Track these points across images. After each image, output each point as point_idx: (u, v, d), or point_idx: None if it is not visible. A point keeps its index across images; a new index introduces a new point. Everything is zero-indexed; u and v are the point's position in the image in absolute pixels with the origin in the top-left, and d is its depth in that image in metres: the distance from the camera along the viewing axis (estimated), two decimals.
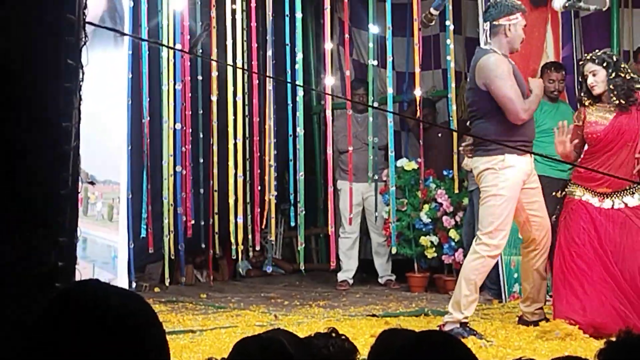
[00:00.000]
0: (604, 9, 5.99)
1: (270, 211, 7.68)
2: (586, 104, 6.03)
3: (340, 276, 8.74)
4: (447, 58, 7.79)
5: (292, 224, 8.10)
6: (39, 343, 1.70)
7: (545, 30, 7.75)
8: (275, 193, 7.76)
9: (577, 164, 5.98)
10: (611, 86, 5.92)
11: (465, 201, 8.03)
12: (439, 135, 8.68)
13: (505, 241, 5.85)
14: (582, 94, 6.11)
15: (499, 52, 5.81)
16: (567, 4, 5.96)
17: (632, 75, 5.99)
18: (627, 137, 5.92)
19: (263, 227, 8.01)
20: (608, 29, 8.22)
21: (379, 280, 8.85)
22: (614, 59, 6.05)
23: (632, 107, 5.93)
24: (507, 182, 5.72)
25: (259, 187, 7.81)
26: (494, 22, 5.85)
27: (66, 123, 2.62)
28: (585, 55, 6.15)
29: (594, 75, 5.94)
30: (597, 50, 6.11)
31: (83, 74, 2.71)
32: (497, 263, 6.79)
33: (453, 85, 7.77)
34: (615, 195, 5.91)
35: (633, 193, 5.91)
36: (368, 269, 9.04)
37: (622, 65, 6.04)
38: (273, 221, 7.77)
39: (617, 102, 5.91)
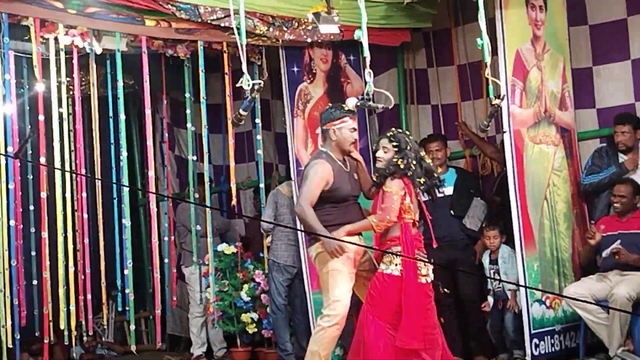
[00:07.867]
0: (391, 107, 6.77)
1: (102, 297, 8.26)
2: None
3: (197, 351, 9.29)
4: (258, 152, 8.64)
5: (120, 308, 8.53)
6: None
7: None
8: (105, 281, 8.36)
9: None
10: (390, 167, 6.29)
11: None
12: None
13: (344, 311, 6.21)
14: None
15: (331, 154, 6.37)
16: (358, 104, 6.69)
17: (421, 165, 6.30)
18: None
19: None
20: (399, 123, 9.28)
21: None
22: (407, 145, 6.30)
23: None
24: (337, 260, 6.20)
25: (83, 277, 8.20)
26: (323, 128, 6.47)
27: None
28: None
29: (385, 151, 6.36)
30: (398, 130, 6.49)
31: None
32: None
33: (263, 175, 8.61)
34: None
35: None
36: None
37: (412, 153, 6.27)
38: (105, 307, 8.33)
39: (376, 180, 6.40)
